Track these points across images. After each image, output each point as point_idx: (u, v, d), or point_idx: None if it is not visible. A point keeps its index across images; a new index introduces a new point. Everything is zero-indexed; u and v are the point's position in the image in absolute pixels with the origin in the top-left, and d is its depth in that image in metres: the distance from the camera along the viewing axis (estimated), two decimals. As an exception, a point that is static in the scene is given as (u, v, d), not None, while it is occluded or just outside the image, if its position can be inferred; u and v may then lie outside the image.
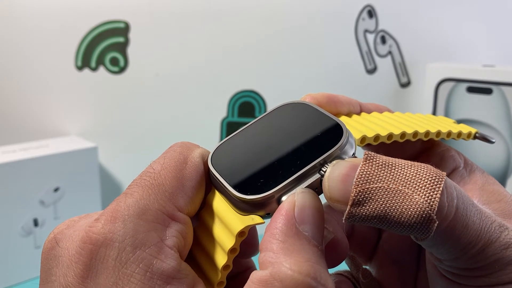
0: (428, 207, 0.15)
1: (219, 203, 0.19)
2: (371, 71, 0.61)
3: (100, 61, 0.59)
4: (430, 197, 0.15)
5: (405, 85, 0.62)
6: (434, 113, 0.56)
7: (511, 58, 0.61)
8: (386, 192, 0.16)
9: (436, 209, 0.15)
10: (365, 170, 0.16)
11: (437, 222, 0.15)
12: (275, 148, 0.19)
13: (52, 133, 0.60)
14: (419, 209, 0.15)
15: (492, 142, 0.22)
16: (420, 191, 0.15)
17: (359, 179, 0.16)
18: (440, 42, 0.60)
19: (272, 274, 0.15)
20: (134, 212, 0.17)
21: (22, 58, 0.58)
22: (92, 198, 0.57)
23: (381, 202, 0.15)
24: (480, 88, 0.52)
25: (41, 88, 0.59)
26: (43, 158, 0.51)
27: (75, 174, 0.54)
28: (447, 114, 0.55)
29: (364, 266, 0.23)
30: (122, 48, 0.59)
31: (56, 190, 0.53)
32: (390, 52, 0.61)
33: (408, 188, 0.15)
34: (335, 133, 0.18)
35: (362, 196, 0.16)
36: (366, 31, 0.60)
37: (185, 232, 0.17)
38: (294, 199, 0.16)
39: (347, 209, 0.16)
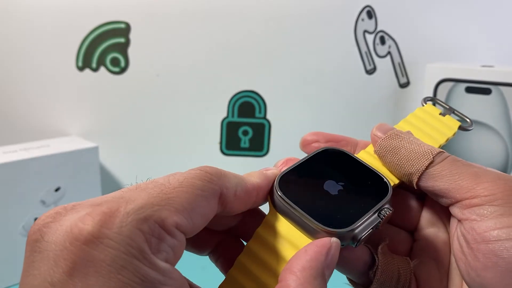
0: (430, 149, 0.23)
1: (285, 226, 0.22)
2: (371, 71, 0.61)
3: (101, 62, 0.59)
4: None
5: (404, 85, 0.62)
6: (433, 113, 0.56)
7: (510, 59, 0.61)
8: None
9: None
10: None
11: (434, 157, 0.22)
12: (340, 189, 0.22)
13: (53, 133, 0.61)
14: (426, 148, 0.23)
15: (469, 130, 0.26)
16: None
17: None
18: (439, 43, 0.61)
19: None
20: (133, 220, 0.16)
21: (23, 58, 0.59)
22: (92, 197, 0.57)
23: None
24: (479, 88, 0.53)
25: (42, 88, 0.60)
26: (44, 158, 0.52)
27: (76, 174, 0.55)
28: (446, 114, 0.55)
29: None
30: (122, 48, 0.59)
31: (57, 190, 0.53)
32: (389, 53, 0.61)
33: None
34: (382, 184, 0.23)
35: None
36: (365, 31, 0.60)
37: (178, 249, 0.17)
38: (330, 243, 0.20)
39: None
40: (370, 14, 0.60)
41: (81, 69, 0.59)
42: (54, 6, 0.57)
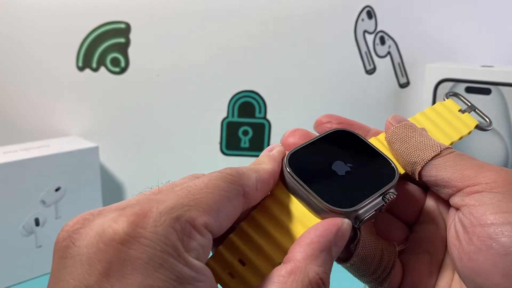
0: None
1: (291, 201, 0.22)
2: (370, 71, 0.61)
3: (101, 62, 0.59)
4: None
5: (404, 85, 0.62)
6: (433, 113, 0.56)
7: (509, 59, 0.61)
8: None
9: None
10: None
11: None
12: (347, 170, 0.23)
13: (54, 133, 0.61)
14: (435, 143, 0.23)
15: (487, 130, 0.27)
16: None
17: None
18: (439, 43, 0.61)
19: (293, 269, 0.19)
20: (166, 219, 0.17)
21: (23, 58, 0.59)
22: (93, 197, 0.57)
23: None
24: (478, 88, 0.53)
25: (42, 88, 0.60)
26: (44, 158, 0.52)
27: (76, 174, 0.55)
28: (446, 114, 0.56)
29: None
30: (123, 48, 0.59)
31: (57, 189, 0.54)
32: (389, 53, 0.61)
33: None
34: (389, 169, 0.24)
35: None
36: (365, 31, 0.60)
37: (206, 248, 0.18)
38: (341, 223, 0.21)
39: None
40: (370, 14, 0.60)
41: (81, 69, 0.59)
42: (54, 6, 0.57)
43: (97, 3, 0.57)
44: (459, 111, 0.27)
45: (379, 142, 0.25)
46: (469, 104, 0.27)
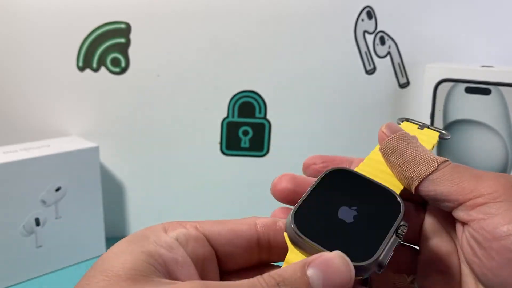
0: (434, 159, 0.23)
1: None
2: (370, 71, 0.61)
3: (101, 62, 0.59)
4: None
5: (404, 85, 0.62)
6: (432, 113, 0.56)
7: (509, 59, 0.61)
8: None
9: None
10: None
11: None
12: (355, 215, 0.22)
13: (54, 133, 0.61)
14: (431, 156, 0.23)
15: (447, 139, 0.28)
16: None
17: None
18: (438, 43, 0.61)
19: None
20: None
21: (23, 58, 0.59)
22: (93, 197, 0.57)
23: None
24: (478, 89, 0.53)
25: (42, 88, 0.60)
26: (44, 158, 0.52)
27: (76, 174, 0.55)
28: (445, 114, 0.56)
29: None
30: (123, 48, 0.59)
31: (57, 189, 0.54)
32: (389, 53, 0.61)
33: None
34: (393, 201, 0.23)
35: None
36: (365, 32, 0.60)
37: (191, 236, 0.22)
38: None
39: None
40: (370, 14, 0.60)
41: (81, 69, 0.59)
42: (54, 6, 0.57)
43: (97, 3, 0.57)
44: (417, 128, 0.28)
45: (371, 162, 0.26)
46: (422, 123, 0.29)
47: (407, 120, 0.29)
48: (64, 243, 0.55)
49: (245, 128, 0.62)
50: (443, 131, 0.28)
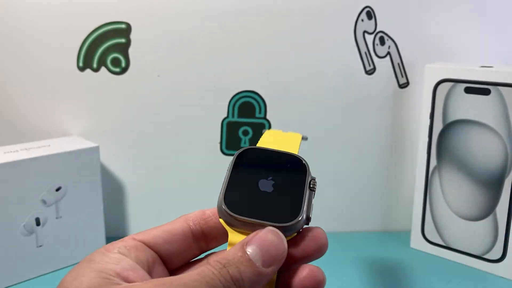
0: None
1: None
2: (370, 72, 0.61)
3: (101, 62, 0.59)
4: None
5: (403, 86, 0.62)
6: (432, 113, 0.57)
7: (509, 59, 0.61)
8: None
9: None
10: None
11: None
12: (273, 184, 0.25)
13: (54, 133, 0.61)
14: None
15: (306, 139, 0.32)
16: None
17: None
18: (438, 43, 0.61)
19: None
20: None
21: (24, 58, 0.59)
22: (93, 197, 0.57)
23: None
24: (478, 89, 0.53)
25: (43, 88, 0.60)
26: (45, 158, 0.52)
27: (77, 174, 0.55)
28: (445, 114, 0.56)
29: None
30: (123, 49, 0.59)
31: (58, 189, 0.54)
32: (389, 53, 0.61)
33: None
34: (297, 162, 0.27)
35: None
36: (365, 32, 0.60)
37: (130, 246, 0.24)
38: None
39: None
40: (370, 14, 0.60)
41: (82, 69, 0.59)
42: (54, 6, 0.57)
43: (97, 3, 0.57)
44: (282, 132, 0.32)
45: (266, 142, 0.29)
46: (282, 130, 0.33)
47: (269, 128, 0.32)
48: (64, 243, 0.55)
49: (245, 128, 0.62)
50: (301, 134, 0.32)
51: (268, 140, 0.30)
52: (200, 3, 0.58)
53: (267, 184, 0.25)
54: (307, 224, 0.24)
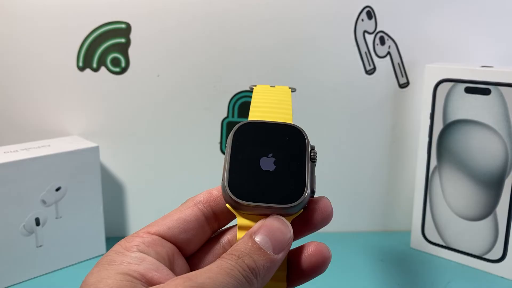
0: None
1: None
2: (370, 72, 0.61)
3: (101, 62, 0.59)
4: None
5: (404, 85, 0.62)
6: (432, 113, 0.56)
7: (509, 59, 0.61)
8: None
9: None
10: None
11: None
12: (274, 161, 0.25)
13: (54, 133, 0.61)
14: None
15: (294, 90, 0.32)
16: None
17: None
18: (438, 43, 0.61)
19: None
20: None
21: (24, 58, 0.59)
22: (93, 197, 0.57)
23: None
24: (478, 89, 0.53)
25: (43, 88, 0.60)
26: (44, 158, 0.52)
27: (76, 174, 0.55)
28: (445, 114, 0.56)
29: None
30: (123, 48, 0.59)
31: (57, 189, 0.54)
32: (389, 53, 0.61)
33: None
34: (295, 132, 0.26)
35: None
36: (365, 32, 0.60)
37: (149, 242, 0.24)
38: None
39: None
40: (370, 14, 0.60)
41: (81, 69, 0.59)
42: (54, 6, 0.57)
43: (97, 3, 0.57)
44: (270, 87, 0.32)
45: (258, 102, 0.29)
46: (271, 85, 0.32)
47: (253, 86, 0.33)
48: (64, 243, 0.55)
49: (245, 128, 0.62)
50: (290, 87, 0.33)
51: (260, 101, 0.30)
52: (200, 3, 0.58)
53: (268, 162, 0.24)
54: (312, 197, 0.24)
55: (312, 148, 0.25)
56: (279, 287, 0.23)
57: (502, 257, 0.54)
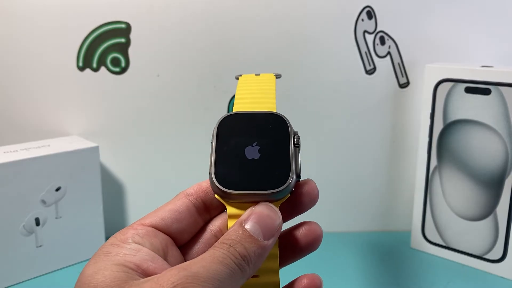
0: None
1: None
2: (370, 71, 0.61)
3: (101, 62, 0.59)
4: None
5: (404, 85, 0.62)
6: (432, 113, 0.56)
7: (509, 59, 0.61)
8: None
9: None
10: None
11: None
12: (259, 149, 0.25)
13: (54, 133, 0.61)
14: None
15: (279, 77, 0.32)
16: None
17: None
18: (438, 43, 0.61)
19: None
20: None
21: (24, 58, 0.59)
22: (93, 197, 0.57)
23: None
24: (478, 89, 0.53)
25: (43, 88, 0.60)
26: (44, 158, 0.52)
27: (76, 174, 0.55)
28: (445, 114, 0.56)
29: None
30: (123, 48, 0.59)
31: (57, 189, 0.54)
32: (389, 53, 0.61)
33: None
34: (278, 120, 0.27)
35: None
36: (365, 32, 0.60)
37: (144, 233, 0.24)
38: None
39: None
40: (370, 14, 0.60)
41: (81, 69, 0.59)
42: (54, 6, 0.57)
43: (97, 3, 0.57)
44: (255, 75, 0.32)
45: (243, 91, 0.29)
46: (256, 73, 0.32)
47: (238, 75, 0.33)
48: (64, 243, 0.55)
49: (245, 128, 0.62)
50: (275, 73, 0.33)
51: (244, 92, 0.30)
52: (200, 3, 0.58)
53: (253, 151, 0.25)
54: (298, 181, 0.25)
55: (295, 133, 0.26)
56: (271, 270, 0.24)
57: (502, 257, 0.54)
